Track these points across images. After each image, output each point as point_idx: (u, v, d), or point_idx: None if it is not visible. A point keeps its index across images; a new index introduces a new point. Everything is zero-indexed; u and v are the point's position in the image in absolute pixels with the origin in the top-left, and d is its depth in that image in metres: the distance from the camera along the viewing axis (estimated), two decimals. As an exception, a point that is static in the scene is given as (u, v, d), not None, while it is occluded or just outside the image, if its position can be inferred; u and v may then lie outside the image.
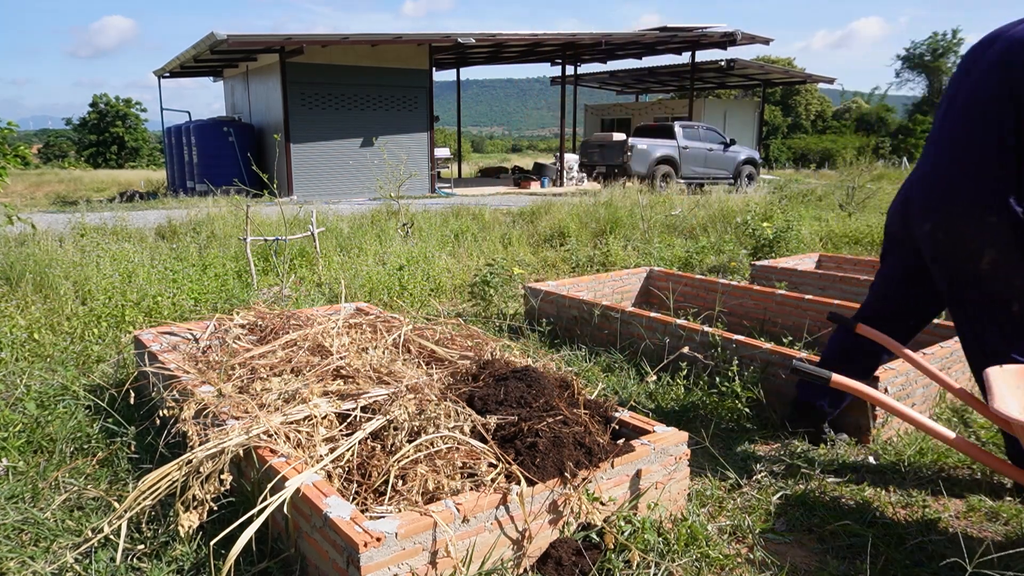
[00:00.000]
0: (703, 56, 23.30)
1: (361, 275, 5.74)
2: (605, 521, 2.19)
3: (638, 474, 2.32)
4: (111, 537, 2.13)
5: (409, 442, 2.25)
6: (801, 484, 2.72)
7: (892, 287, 2.86)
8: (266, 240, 6.42)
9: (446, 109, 27.32)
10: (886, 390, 3.07)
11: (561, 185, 19.75)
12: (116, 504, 2.30)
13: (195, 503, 2.12)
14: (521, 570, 2.08)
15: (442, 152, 20.03)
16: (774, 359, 3.46)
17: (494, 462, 2.18)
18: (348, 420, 2.43)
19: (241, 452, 2.26)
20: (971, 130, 2.43)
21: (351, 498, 2.12)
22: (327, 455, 2.22)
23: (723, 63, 23.08)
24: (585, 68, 26.62)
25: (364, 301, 5.13)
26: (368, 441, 2.31)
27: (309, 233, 6.56)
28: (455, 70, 24.89)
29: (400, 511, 1.93)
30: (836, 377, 2.29)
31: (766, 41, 20.91)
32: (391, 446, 2.27)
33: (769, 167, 33.67)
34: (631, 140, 17.02)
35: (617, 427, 2.57)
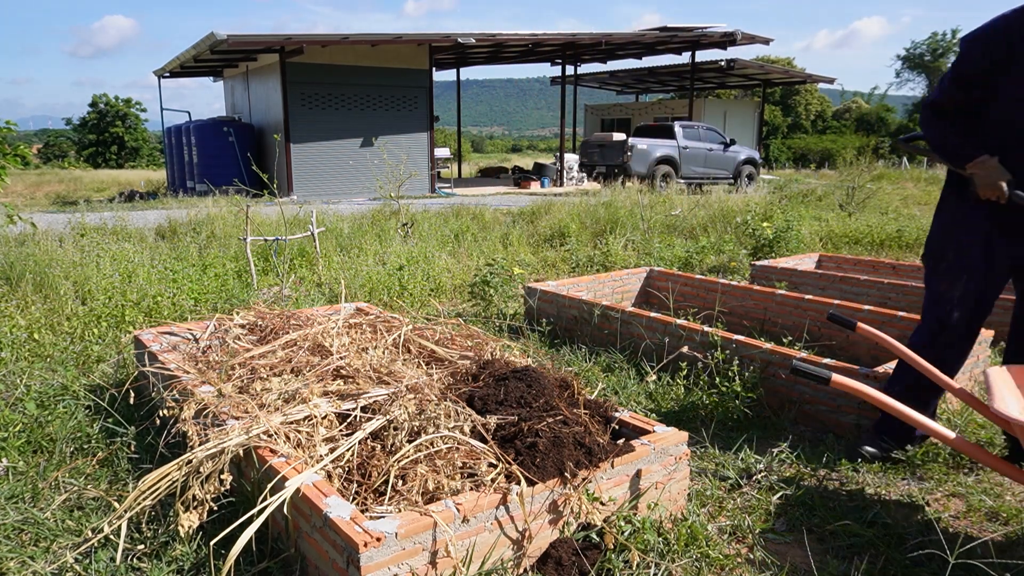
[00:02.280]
0: (703, 56, 23.33)
1: (361, 275, 5.74)
2: (605, 521, 2.19)
3: (638, 474, 2.32)
4: (111, 537, 2.13)
5: (409, 442, 2.25)
6: (801, 484, 2.72)
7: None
8: (266, 240, 6.42)
9: (446, 109, 27.34)
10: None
11: (561, 185, 19.75)
12: (116, 504, 2.30)
13: (195, 503, 2.12)
14: (521, 570, 2.08)
15: (442, 152, 20.02)
16: (774, 359, 3.46)
17: (494, 462, 2.18)
18: (348, 420, 2.43)
19: (241, 452, 2.26)
20: None
21: (351, 498, 2.12)
22: (327, 455, 2.22)
23: (723, 63, 23.08)
24: (585, 68, 26.64)
25: (364, 301, 5.13)
26: (368, 441, 2.31)
27: (309, 233, 6.56)
28: (455, 70, 24.90)
29: (400, 511, 1.93)
30: (836, 377, 2.29)
31: (766, 41, 20.92)
32: (391, 446, 2.27)
33: (769, 167, 33.68)
34: (631, 140, 17.03)
35: (617, 427, 2.57)
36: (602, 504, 2.21)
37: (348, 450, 2.25)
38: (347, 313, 3.60)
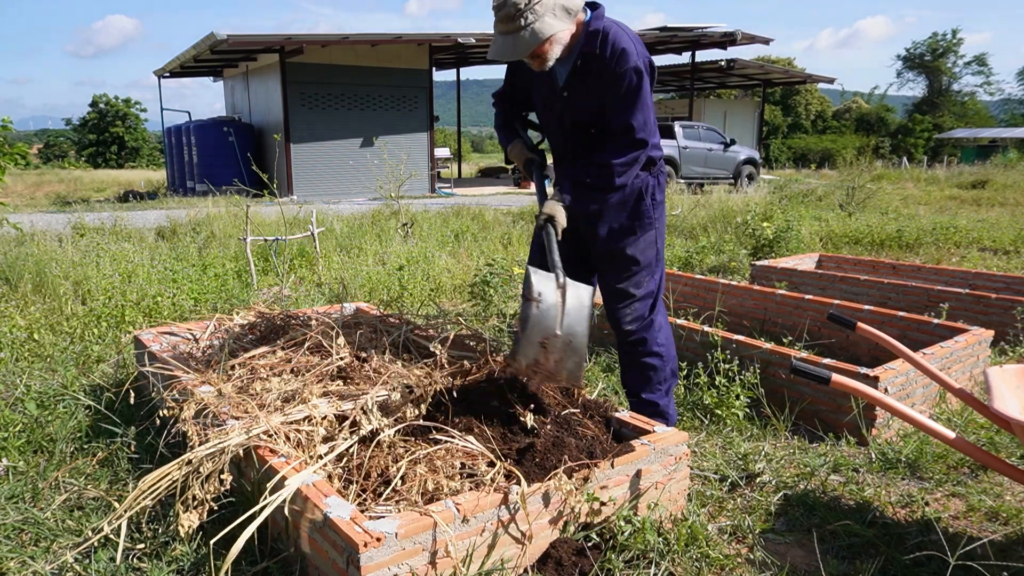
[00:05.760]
0: (703, 56, 23.33)
1: (361, 275, 5.74)
2: (605, 521, 2.19)
3: (638, 474, 2.31)
4: (111, 537, 2.13)
5: (409, 442, 2.25)
6: (801, 484, 2.72)
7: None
8: (266, 240, 6.42)
9: (446, 109, 27.31)
10: (886, 390, 3.07)
11: (561, 185, 19.70)
12: (116, 504, 2.30)
13: (195, 503, 2.11)
14: (521, 570, 2.08)
15: (442, 152, 20.02)
16: (774, 359, 3.46)
17: (494, 461, 2.18)
18: (348, 420, 2.43)
19: (241, 452, 2.26)
20: None
21: (351, 498, 2.11)
22: (327, 455, 2.22)
23: (723, 63, 23.09)
24: (585, 68, 26.59)
25: (364, 301, 5.13)
26: (368, 441, 2.30)
27: (309, 233, 6.56)
28: (455, 70, 24.89)
29: (400, 511, 1.93)
30: (836, 377, 2.29)
31: (766, 41, 20.92)
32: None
33: (769, 167, 33.68)
34: (631, 140, 16.97)
35: (617, 427, 2.57)
36: (602, 504, 2.21)
37: (348, 450, 2.25)
38: (347, 313, 3.60)
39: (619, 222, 2.72)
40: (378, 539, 1.76)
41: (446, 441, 2.23)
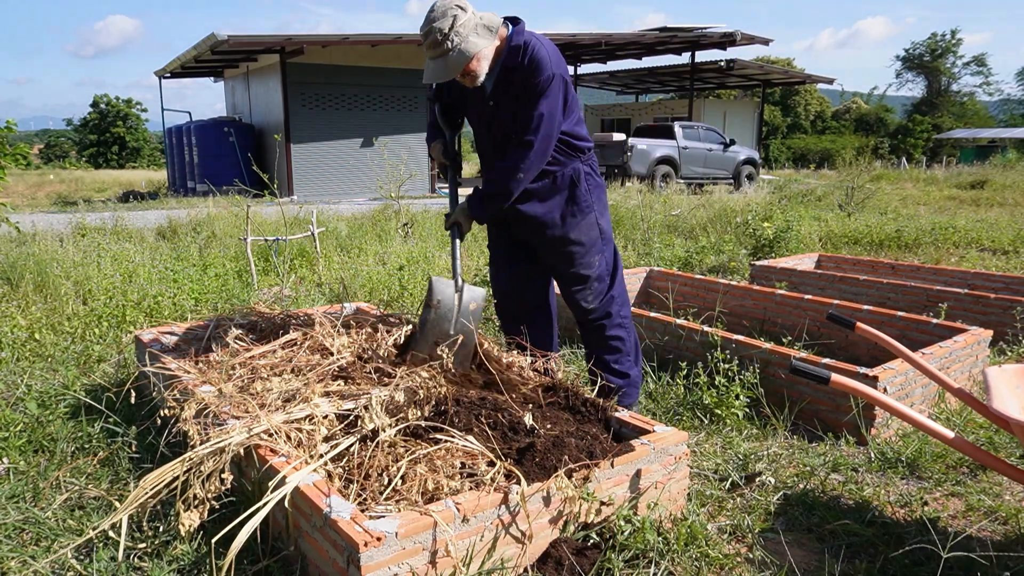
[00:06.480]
0: (703, 56, 23.35)
1: (361, 275, 5.75)
2: (605, 520, 2.19)
3: (638, 474, 2.32)
4: (112, 536, 2.14)
5: (409, 442, 2.25)
6: (801, 484, 2.73)
7: None
8: (266, 240, 6.42)
9: (446, 109, 27.25)
10: (885, 390, 3.07)
11: (561, 185, 19.70)
12: (117, 503, 2.31)
13: (196, 502, 2.12)
14: (521, 569, 2.08)
15: (442, 152, 19.93)
16: (774, 359, 3.46)
17: (494, 461, 2.18)
18: (348, 420, 2.44)
19: (242, 451, 2.26)
20: None
21: (351, 497, 2.12)
22: (327, 454, 2.22)
23: (723, 63, 23.11)
24: (585, 68, 26.64)
25: (364, 301, 5.14)
26: (368, 441, 2.31)
27: (309, 233, 6.56)
28: (455, 70, 24.85)
29: (400, 511, 1.93)
30: (835, 377, 2.29)
31: (765, 42, 20.93)
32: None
33: (769, 167, 33.68)
34: (631, 140, 17.00)
35: (617, 427, 2.58)
36: (602, 504, 2.22)
37: (349, 449, 2.26)
38: (347, 313, 3.60)
39: (556, 212, 2.91)
40: (378, 538, 1.77)
41: (446, 441, 2.24)
